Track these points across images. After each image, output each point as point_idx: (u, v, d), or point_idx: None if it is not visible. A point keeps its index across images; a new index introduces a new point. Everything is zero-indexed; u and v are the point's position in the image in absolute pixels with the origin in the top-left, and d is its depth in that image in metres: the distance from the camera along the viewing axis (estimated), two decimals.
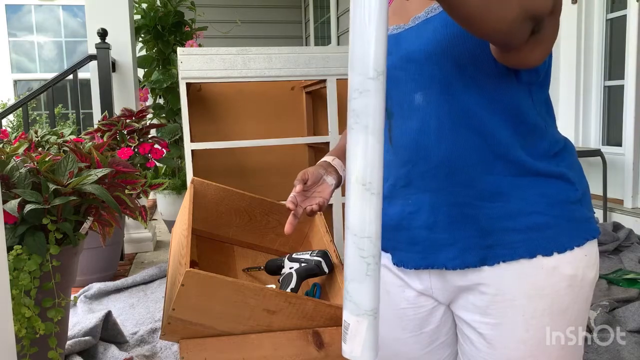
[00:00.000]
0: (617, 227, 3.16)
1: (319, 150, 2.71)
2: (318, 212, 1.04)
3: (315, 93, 2.92)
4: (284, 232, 1.01)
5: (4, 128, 3.38)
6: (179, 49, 2.27)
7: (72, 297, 1.78)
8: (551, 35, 0.81)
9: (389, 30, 0.98)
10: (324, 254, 1.52)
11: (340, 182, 1.08)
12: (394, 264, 0.98)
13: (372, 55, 0.58)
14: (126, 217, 2.15)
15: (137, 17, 4.04)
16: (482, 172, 0.87)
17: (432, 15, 0.89)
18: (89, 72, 3.51)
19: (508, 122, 0.86)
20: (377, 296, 0.63)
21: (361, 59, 0.58)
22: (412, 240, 0.93)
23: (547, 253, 0.86)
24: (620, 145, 3.59)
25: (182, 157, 3.77)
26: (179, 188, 4.04)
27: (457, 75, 0.86)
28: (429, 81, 0.87)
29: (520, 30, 0.74)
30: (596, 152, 3.50)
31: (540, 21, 0.76)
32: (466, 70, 0.85)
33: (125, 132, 2.73)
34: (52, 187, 1.58)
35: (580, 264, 0.88)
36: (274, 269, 1.59)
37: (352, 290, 0.63)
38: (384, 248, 1.02)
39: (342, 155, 1.09)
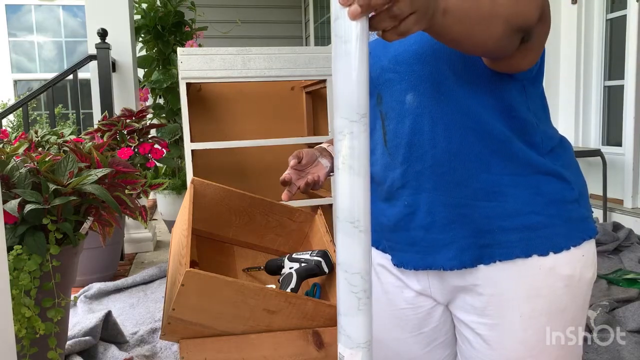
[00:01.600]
0: (617, 227, 3.16)
1: None
2: (313, 188, 1.04)
3: (315, 93, 2.92)
4: (282, 199, 1.01)
5: (4, 128, 3.38)
6: (179, 49, 2.27)
7: (72, 297, 1.78)
8: (542, 41, 0.81)
9: (377, 34, 0.98)
10: (324, 254, 1.52)
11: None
12: (395, 264, 0.98)
13: (355, 100, 0.60)
14: (126, 217, 2.15)
15: (137, 17, 4.04)
16: (477, 171, 0.86)
17: None
18: (89, 72, 3.51)
19: (501, 118, 0.86)
20: (369, 329, 0.66)
21: (345, 103, 0.61)
22: (410, 241, 0.93)
23: (543, 253, 0.86)
24: (620, 145, 3.59)
25: (182, 157, 3.77)
26: (179, 188, 4.03)
27: (447, 74, 0.85)
28: (420, 81, 0.87)
29: (510, 43, 0.76)
30: (596, 152, 3.50)
31: (529, 31, 0.77)
32: (456, 68, 0.85)
33: (125, 132, 2.73)
34: (52, 187, 1.58)
35: (577, 264, 0.87)
36: (274, 269, 1.59)
37: (346, 325, 0.66)
38: (384, 249, 1.02)
39: None
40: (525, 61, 0.83)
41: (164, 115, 4.19)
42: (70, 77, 3.41)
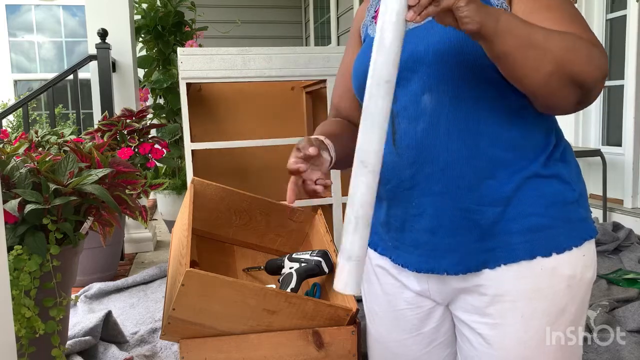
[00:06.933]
0: (617, 227, 3.16)
1: None
2: (320, 193, 0.87)
3: (315, 93, 2.92)
4: (287, 202, 0.84)
5: (4, 128, 3.38)
6: (179, 49, 2.27)
7: (72, 297, 1.78)
8: (596, 97, 0.81)
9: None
10: (324, 254, 1.52)
11: (332, 162, 0.92)
12: (398, 264, 0.97)
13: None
14: (126, 217, 2.15)
15: (137, 17, 4.03)
16: (487, 176, 0.86)
17: None
18: (89, 72, 3.51)
19: (512, 124, 0.86)
20: (363, 246, 0.76)
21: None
22: (414, 243, 0.92)
23: (546, 254, 0.86)
24: (620, 145, 3.59)
25: (182, 157, 3.77)
26: (179, 188, 4.03)
27: (467, 78, 0.84)
28: (438, 82, 0.86)
29: (563, 93, 0.77)
30: (596, 152, 3.50)
31: (585, 90, 0.77)
32: (477, 73, 0.84)
33: (125, 132, 2.73)
34: (52, 187, 1.58)
35: (578, 264, 0.88)
36: (274, 269, 1.59)
37: (345, 241, 0.77)
38: (382, 252, 1.01)
39: (330, 137, 0.95)
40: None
41: (164, 115, 4.19)
42: (70, 77, 3.41)
